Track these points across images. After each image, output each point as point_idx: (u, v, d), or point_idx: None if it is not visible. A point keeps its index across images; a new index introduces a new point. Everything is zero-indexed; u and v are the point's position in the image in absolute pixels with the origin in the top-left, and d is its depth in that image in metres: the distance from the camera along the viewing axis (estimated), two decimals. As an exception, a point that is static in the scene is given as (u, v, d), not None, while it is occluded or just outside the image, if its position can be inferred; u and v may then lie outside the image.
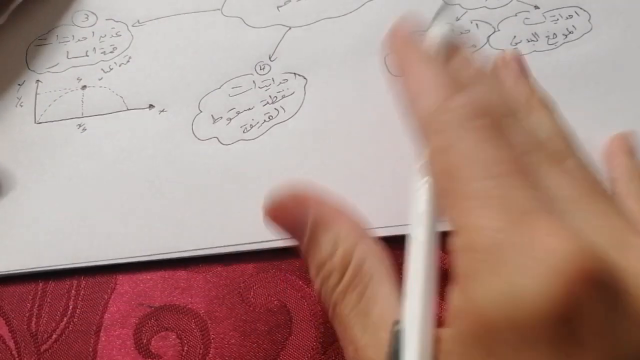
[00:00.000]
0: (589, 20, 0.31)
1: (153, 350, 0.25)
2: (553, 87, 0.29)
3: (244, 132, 0.30)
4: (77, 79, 0.33)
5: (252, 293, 0.26)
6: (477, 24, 0.31)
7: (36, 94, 0.32)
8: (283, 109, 0.30)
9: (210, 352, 0.25)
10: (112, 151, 0.30)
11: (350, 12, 0.33)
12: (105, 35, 0.34)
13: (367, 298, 0.18)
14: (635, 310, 0.14)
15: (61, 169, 0.30)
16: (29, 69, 0.33)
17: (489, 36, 0.31)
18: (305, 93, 0.30)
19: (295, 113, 0.30)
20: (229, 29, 0.33)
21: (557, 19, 0.31)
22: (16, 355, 0.25)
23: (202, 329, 0.25)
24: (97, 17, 0.35)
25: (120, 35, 0.34)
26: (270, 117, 0.30)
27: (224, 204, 0.28)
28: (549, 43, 0.30)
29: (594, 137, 0.28)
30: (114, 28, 0.34)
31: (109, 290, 0.27)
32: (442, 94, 0.18)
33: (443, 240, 0.17)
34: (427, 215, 0.18)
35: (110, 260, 0.27)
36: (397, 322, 0.16)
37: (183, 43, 0.33)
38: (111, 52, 0.33)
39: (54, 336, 0.26)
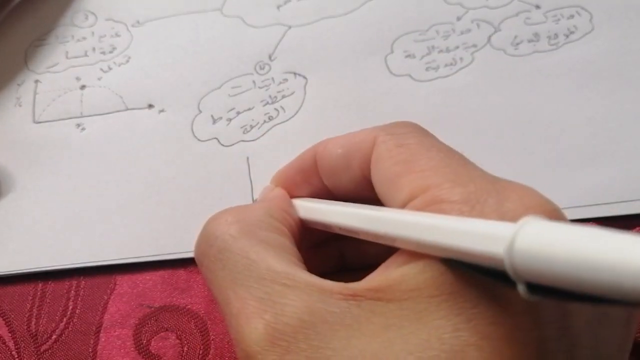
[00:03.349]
0: (590, 21, 0.31)
1: (153, 351, 0.25)
2: (554, 87, 0.29)
3: (244, 132, 0.30)
4: (77, 79, 0.32)
5: (252, 294, 0.26)
6: (478, 24, 0.31)
7: (35, 93, 0.32)
8: (283, 109, 0.30)
9: (210, 352, 0.25)
10: (111, 151, 0.30)
11: (351, 12, 0.32)
12: (105, 36, 0.34)
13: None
14: None
15: (60, 169, 0.30)
16: (28, 69, 0.33)
17: (490, 36, 0.31)
18: (305, 93, 0.30)
19: (296, 113, 0.30)
20: (229, 29, 0.33)
21: (559, 19, 0.31)
22: (16, 356, 0.25)
23: (202, 329, 0.25)
24: (96, 17, 0.35)
25: (119, 35, 0.34)
26: (271, 118, 0.30)
27: (223, 204, 0.28)
28: (550, 43, 0.30)
29: (595, 137, 0.28)
30: (113, 28, 0.34)
31: (108, 291, 0.27)
32: None
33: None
34: None
35: (110, 261, 0.27)
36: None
37: (183, 43, 0.33)
38: (110, 52, 0.33)
39: (54, 336, 0.26)
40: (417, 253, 0.16)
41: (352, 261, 0.24)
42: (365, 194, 0.20)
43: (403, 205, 0.17)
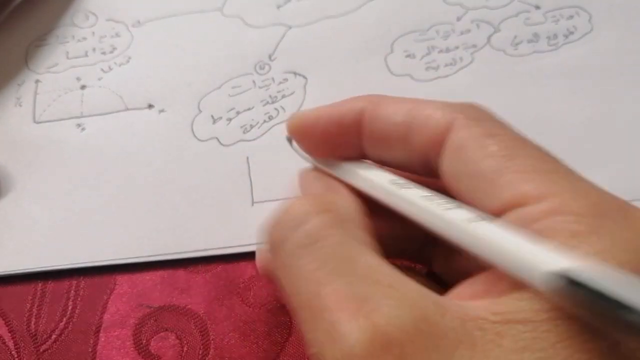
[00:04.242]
0: (589, 21, 0.31)
1: (152, 351, 0.25)
2: (554, 87, 0.29)
3: (244, 132, 0.30)
4: (77, 79, 0.32)
5: (251, 293, 0.26)
6: (477, 24, 0.31)
7: (35, 93, 0.32)
8: (283, 108, 0.30)
9: (210, 352, 0.25)
10: (111, 151, 0.30)
11: (351, 12, 0.32)
12: (105, 36, 0.34)
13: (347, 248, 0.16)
14: None
15: (60, 169, 0.30)
16: (28, 69, 0.33)
17: (490, 36, 0.31)
18: (305, 93, 0.30)
19: (296, 113, 0.30)
20: (229, 29, 0.33)
21: (558, 20, 0.31)
22: (15, 356, 0.25)
23: (201, 329, 0.25)
24: (97, 17, 0.35)
25: (120, 35, 0.34)
26: (271, 117, 0.30)
27: (223, 204, 0.28)
28: (550, 44, 0.30)
29: (595, 137, 0.28)
30: (113, 28, 0.34)
31: (108, 291, 0.27)
32: None
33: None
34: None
35: (110, 261, 0.27)
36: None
37: (183, 43, 0.33)
38: (111, 52, 0.33)
39: (54, 336, 0.26)
40: None
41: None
42: (416, 171, 0.18)
43: (502, 208, 0.15)
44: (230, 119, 0.30)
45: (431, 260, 0.21)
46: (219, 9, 0.34)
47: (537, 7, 0.31)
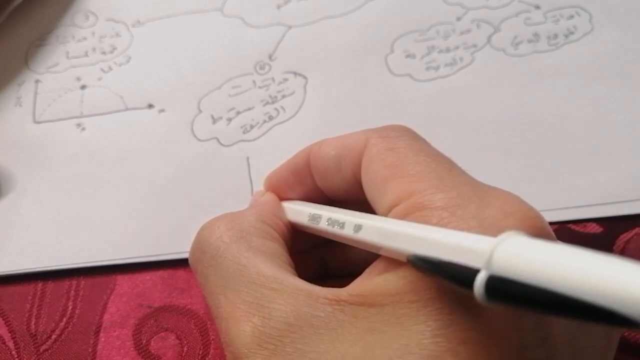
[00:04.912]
0: (589, 21, 0.31)
1: (152, 351, 0.25)
2: (554, 87, 0.29)
3: (244, 132, 0.30)
4: (77, 79, 0.32)
5: (251, 293, 0.26)
6: (478, 24, 0.31)
7: (36, 93, 0.32)
8: (283, 109, 0.30)
9: (210, 352, 0.25)
10: (111, 151, 0.30)
11: (351, 12, 0.32)
12: (105, 36, 0.34)
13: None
14: None
15: (60, 169, 0.30)
16: (28, 69, 0.33)
17: (490, 36, 0.31)
18: (305, 93, 0.30)
19: (296, 113, 0.30)
20: (229, 29, 0.33)
21: (558, 20, 0.31)
22: (15, 356, 0.25)
23: (201, 329, 0.25)
24: (97, 17, 0.35)
25: (120, 35, 0.34)
26: (271, 117, 0.30)
27: (223, 204, 0.28)
28: (550, 44, 0.30)
29: (595, 137, 0.28)
30: (114, 28, 0.34)
31: (108, 291, 0.27)
32: None
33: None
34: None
35: (110, 261, 0.27)
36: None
37: (183, 43, 0.33)
38: (111, 52, 0.33)
39: (54, 336, 0.26)
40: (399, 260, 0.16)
41: (333, 268, 0.24)
42: (357, 196, 0.20)
43: (389, 210, 0.18)
44: (230, 119, 0.30)
45: (325, 257, 0.24)
46: (219, 9, 0.34)
47: (537, 7, 0.31)
